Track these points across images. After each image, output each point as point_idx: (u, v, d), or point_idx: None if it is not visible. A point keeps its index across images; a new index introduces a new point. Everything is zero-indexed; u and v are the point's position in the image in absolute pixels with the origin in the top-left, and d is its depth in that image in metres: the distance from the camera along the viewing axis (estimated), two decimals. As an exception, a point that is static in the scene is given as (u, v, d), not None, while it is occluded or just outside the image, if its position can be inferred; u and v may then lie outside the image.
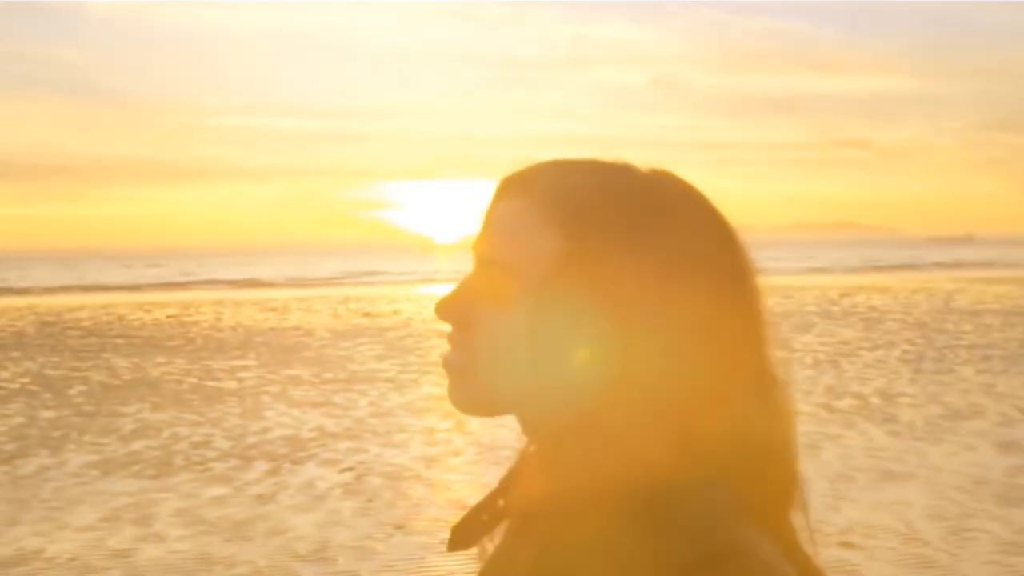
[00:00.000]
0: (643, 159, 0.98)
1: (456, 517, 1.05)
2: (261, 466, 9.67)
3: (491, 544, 1.01)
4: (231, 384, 15.15)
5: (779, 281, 41.29)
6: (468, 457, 9.86)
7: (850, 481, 8.68)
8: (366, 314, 28.47)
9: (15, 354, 19.93)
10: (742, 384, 0.93)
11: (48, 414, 12.83)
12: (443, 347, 0.98)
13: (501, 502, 1.01)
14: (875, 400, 12.55)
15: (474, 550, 1.03)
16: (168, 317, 28.68)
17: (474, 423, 10.84)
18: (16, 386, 15.44)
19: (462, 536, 1.03)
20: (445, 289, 1.00)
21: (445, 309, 0.97)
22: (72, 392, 14.69)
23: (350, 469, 9.49)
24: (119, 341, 22.29)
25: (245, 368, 16.98)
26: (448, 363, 0.97)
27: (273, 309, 31.11)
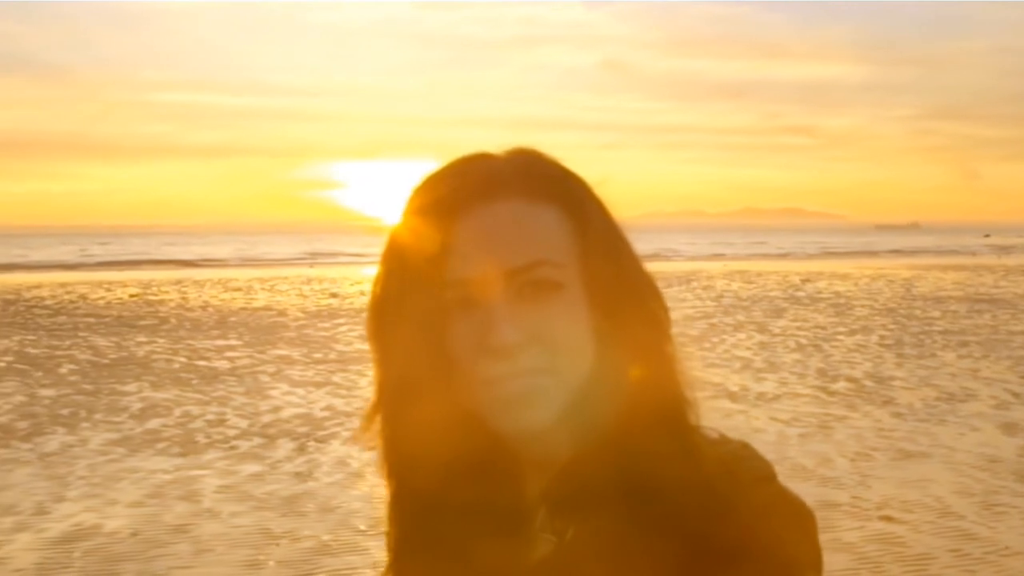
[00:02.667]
0: (592, 142, 1.09)
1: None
2: (287, 444, 9.74)
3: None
4: (223, 364, 15.13)
5: (737, 266, 41.87)
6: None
7: (870, 460, 8.97)
8: (333, 295, 28.43)
9: (-13, 332, 19.69)
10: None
11: (48, 392, 12.74)
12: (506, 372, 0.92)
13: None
14: (868, 383, 12.89)
15: None
16: (131, 296, 28.40)
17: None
18: (1, 364, 15.29)
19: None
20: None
21: (517, 329, 0.92)
22: (63, 371, 14.57)
23: (376, 447, 9.58)
24: (90, 320, 22.07)
25: (231, 348, 16.94)
26: (534, 375, 0.92)
27: (237, 289, 30.93)
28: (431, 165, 1.00)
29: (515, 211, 0.94)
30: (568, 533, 0.95)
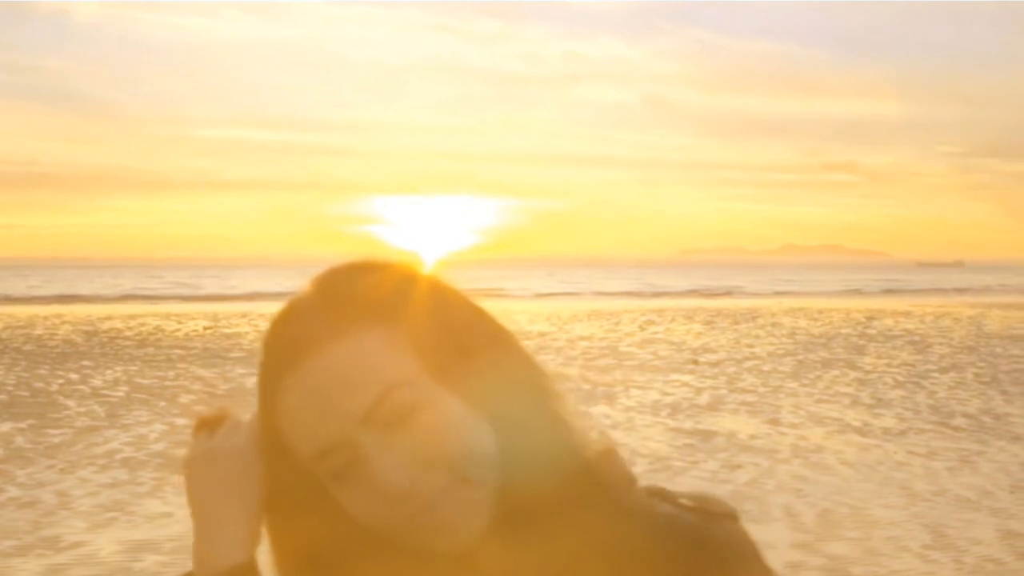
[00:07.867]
0: (633, 178, 1.03)
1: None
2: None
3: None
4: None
5: (794, 303, 41.97)
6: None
7: (1028, 493, 9.20)
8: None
9: (86, 363, 19.97)
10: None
11: (185, 422, 13.07)
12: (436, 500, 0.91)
13: None
14: (987, 419, 13.09)
15: None
16: (206, 329, 28.81)
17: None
18: (121, 394, 15.63)
19: None
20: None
21: (403, 467, 0.89)
22: (184, 401, 14.90)
23: None
24: (179, 351, 22.43)
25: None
26: (448, 494, 0.90)
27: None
28: (473, 200, 0.82)
29: (334, 356, 0.90)
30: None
